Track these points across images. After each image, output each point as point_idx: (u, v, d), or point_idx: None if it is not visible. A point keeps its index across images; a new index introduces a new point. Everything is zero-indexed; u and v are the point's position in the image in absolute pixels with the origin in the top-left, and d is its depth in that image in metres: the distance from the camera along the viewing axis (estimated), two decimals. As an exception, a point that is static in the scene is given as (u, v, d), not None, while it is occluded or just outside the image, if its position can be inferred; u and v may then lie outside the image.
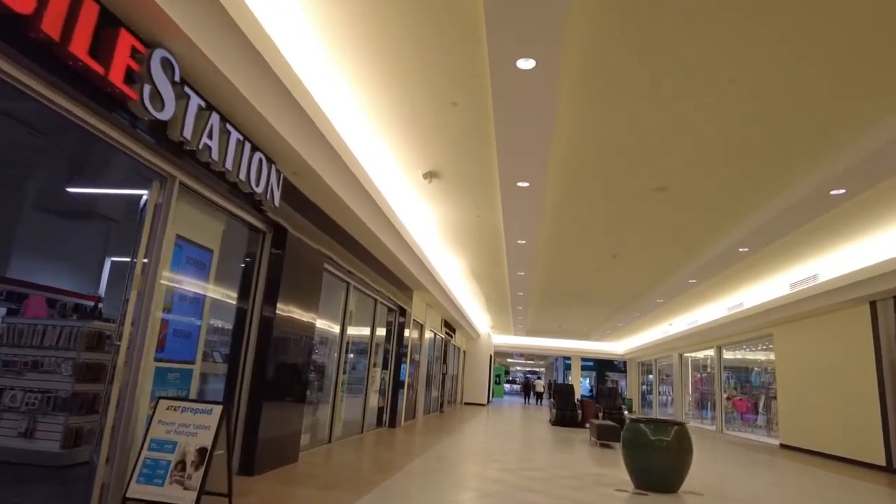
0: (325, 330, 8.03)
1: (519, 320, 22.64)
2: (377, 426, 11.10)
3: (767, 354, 16.01)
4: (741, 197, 7.75)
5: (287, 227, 5.91)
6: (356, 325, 9.62)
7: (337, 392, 8.41)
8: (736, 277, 12.73)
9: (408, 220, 9.44)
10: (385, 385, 11.35)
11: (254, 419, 5.49)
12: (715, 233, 9.49)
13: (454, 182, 7.80)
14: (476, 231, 10.36)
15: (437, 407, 18.20)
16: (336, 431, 8.64)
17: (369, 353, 10.13)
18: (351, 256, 8.08)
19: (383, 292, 10.21)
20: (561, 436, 12.84)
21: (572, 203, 8.50)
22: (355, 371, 9.83)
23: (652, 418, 6.46)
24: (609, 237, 10.25)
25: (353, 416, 9.66)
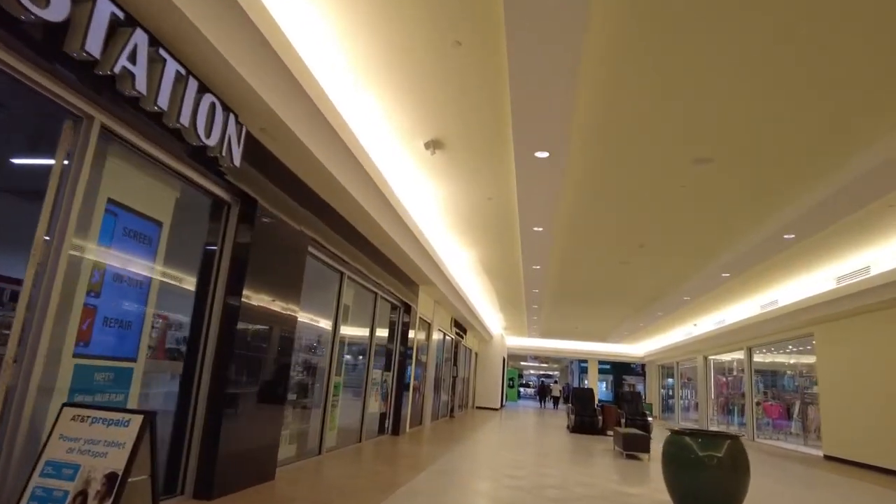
0: (314, 325, 7.02)
1: (534, 320, 21.53)
2: (378, 434, 10.08)
3: (801, 357, 14.75)
4: (794, 171, 6.63)
5: (257, 198, 4.91)
6: (353, 322, 8.61)
7: (329, 397, 7.39)
8: (773, 271, 11.55)
9: (409, 201, 8.41)
10: (387, 388, 10.33)
11: (213, 429, 4.48)
12: (759, 216, 8.36)
13: (461, 154, 6.76)
14: (487, 217, 9.30)
15: (447, 412, 17.14)
16: (328, 441, 7.62)
17: (369, 353, 9.12)
18: (343, 242, 7.08)
19: (384, 286, 9.19)
20: (581, 445, 11.72)
21: (597, 181, 7.42)
22: (353, 373, 8.82)
23: (699, 430, 5.36)
24: (637, 224, 9.15)
25: (350, 424, 8.65)
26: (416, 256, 9.23)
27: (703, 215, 8.49)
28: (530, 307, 18.05)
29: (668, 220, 8.86)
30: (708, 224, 8.88)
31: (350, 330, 8.48)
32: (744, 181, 7.09)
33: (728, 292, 13.88)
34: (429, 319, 13.12)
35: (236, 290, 4.74)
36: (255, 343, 4.97)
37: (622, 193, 7.85)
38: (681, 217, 8.64)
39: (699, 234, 9.45)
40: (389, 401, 10.42)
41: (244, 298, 4.76)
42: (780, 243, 9.00)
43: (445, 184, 7.79)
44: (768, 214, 8.23)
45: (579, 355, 31.13)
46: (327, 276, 7.38)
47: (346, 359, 8.55)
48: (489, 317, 22.52)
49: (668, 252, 10.73)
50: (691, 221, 8.81)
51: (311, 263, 6.80)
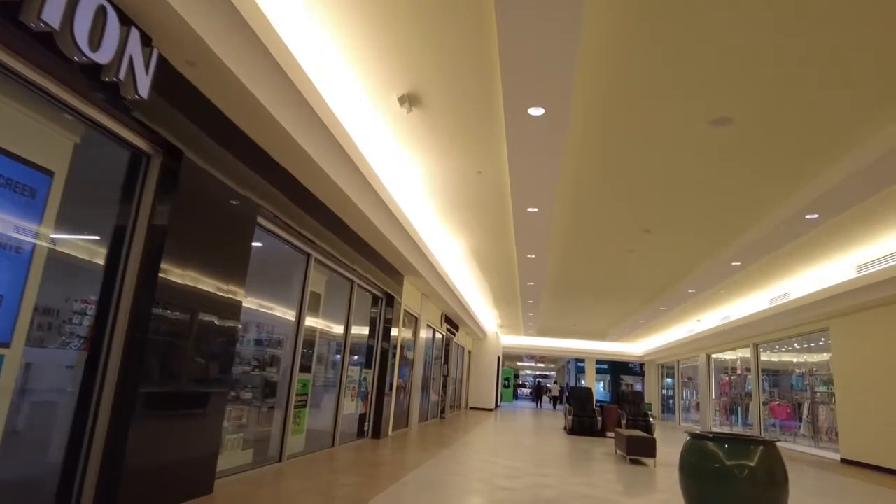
0: (271, 315, 6.09)
1: (529, 317, 20.62)
2: (358, 437, 9.14)
3: (810, 354, 13.86)
4: (823, 139, 5.73)
5: (184, 150, 3.97)
6: (326, 313, 7.68)
7: (291, 396, 6.45)
8: (786, 260, 10.66)
9: (386, 173, 7.47)
10: (367, 388, 9.39)
11: (118, 436, 3.54)
12: (781, 192, 7.45)
13: (443, 113, 5.83)
14: (477, 195, 8.38)
15: (438, 412, 16.21)
16: (293, 446, 6.68)
17: (343, 349, 8.18)
18: (309, 219, 6.14)
19: (362, 273, 8.25)
20: (580, 448, 10.81)
21: (598, 153, 6.51)
22: (326, 370, 7.88)
23: (725, 434, 4.45)
24: (642, 204, 8.23)
25: (321, 426, 7.71)
26: (398, 241, 8.30)
27: (717, 191, 7.58)
28: (525, 303, 17.14)
29: (677, 200, 7.95)
30: (721, 202, 7.97)
31: (321, 322, 7.55)
32: (765, 149, 6.18)
33: (736, 284, 12.99)
34: (416, 314, 12.19)
35: (153, 264, 3.80)
36: (182, 331, 4.03)
37: (627, 167, 6.93)
38: (692, 195, 7.73)
39: (711, 216, 8.55)
40: (370, 401, 9.48)
41: (163, 274, 3.82)
42: (800, 225, 8.09)
43: (426, 152, 6.86)
44: (792, 190, 7.33)
45: (576, 354, 30.23)
46: (290, 258, 6.44)
47: (319, 354, 7.62)
48: (483, 313, 21.59)
49: (674, 238, 9.83)
50: (703, 199, 7.90)
51: (269, 241, 5.86)
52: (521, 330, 25.74)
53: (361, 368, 9.09)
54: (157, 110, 3.67)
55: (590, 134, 6.14)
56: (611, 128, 5.98)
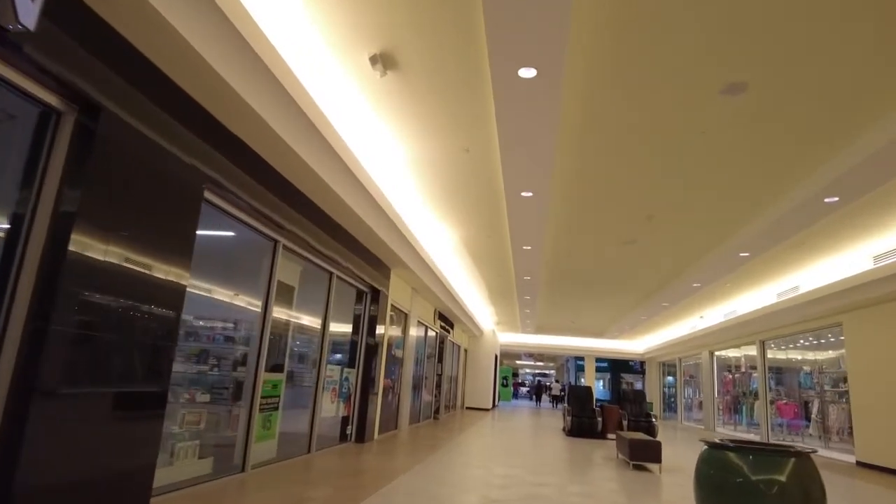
0: (230, 305, 5.43)
1: (526, 314, 19.96)
2: (340, 441, 8.48)
3: (820, 351, 13.22)
4: (851, 107, 5.07)
5: (103, 104, 3.31)
6: (299, 306, 7.02)
7: (256, 398, 5.79)
8: (796, 251, 10.01)
9: (361, 148, 6.79)
10: (350, 388, 8.73)
11: (10, 448, 2.88)
12: (795, 174, 6.80)
13: (422, 76, 5.17)
14: (465, 178, 7.72)
15: (431, 413, 15.55)
16: (260, 454, 6.02)
17: (321, 345, 7.52)
18: (275, 200, 5.47)
19: (342, 263, 7.59)
20: (579, 451, 10.16)
21: (598, 126, 5.85)
22: (302, 369, 7.23)
23: (748, 443, 3.80)
24: (646, 187, 7.57)
25: (297, 431, 7.05)
26: (381, 229, 7.63)
27: (729, 171, 6.91)
28: (522, 298, 16.48)
29: (684, 181, 7.29)
30: (733, 184, 7.31)
31: (295, 316, 6.89)
32: (781, 122, 5.52)
33: (742, 277, 12.34)
34: (405, 310, 11.53)
35: (61, 236, 3.14)
36: (101, 322, 3.37)
37: (630, 144, 6.26)
38: (701, 175, 7.07)
39: (720, 199, 7.88)
40: (353, 403, 8.82)
41: (75, 249, 3.15)
42: (818, 209, 7.43)
43: (406, 126, 6.19)
44: (811, 169, 6.68)
45: (575, 352, 29.58)
46: (254, 244, 5.77)
47: (294, 352, 6.97)
48: (478, 310, 20.94)
49: (679, 226, 9.17)
50: (713, 181, 7.24)
51: (228, 224, 5.19)
52: (519, 327, 25.09)
53: (343, 367, 8.42)
54: (66, 56, 3.01)
55: (589, 104, 5.48)
56: (612, 99, 5.31)
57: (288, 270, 6.72)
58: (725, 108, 5.42)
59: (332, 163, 5.65)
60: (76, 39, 3.08)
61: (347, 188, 6.18)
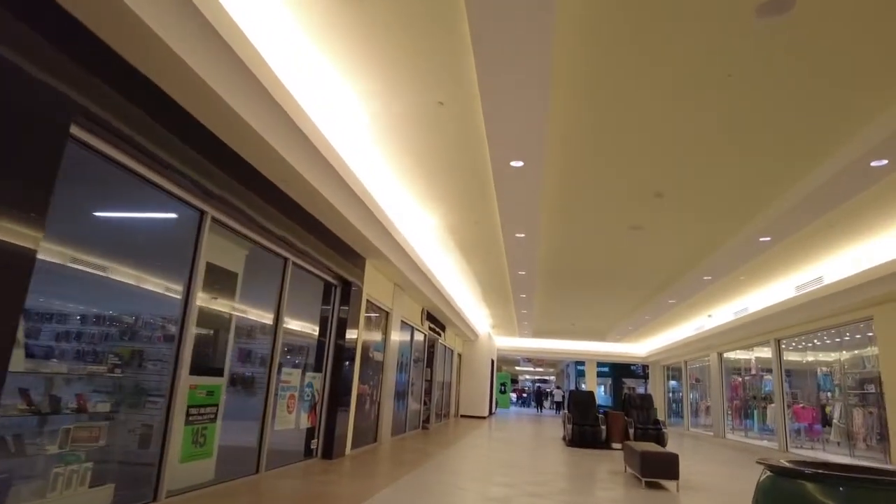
0: (131, 288, 4.24)
1: (523, 315, 18.77)
2: (305, 457, 7.28)
3: (841, 350, 12.06)
4: None
5: None
6: (245, 298, 5.85)
7: (174, 407, 4.60)
8: (820, 237, 8.87)
9: (307, 96, 5.61)
10: (315, 395, 7.53)
11: None
12: (836, 136, 5.65)
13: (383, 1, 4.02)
14: (441, 141, 6.56)
15: (420, 423, 14.32)
16: (184, 477, 4.82)
17: (273, 345, 6.32)
18: (193, 154, 4.30)
19: (298, 245, 6.41)
20: (582, 465, 8.95)
21: (602, 82, 4.69)
22: (252, 372, 6.04)
23: (829, 466, 2.62)
24: (653, 157, 6.41)
25: (243, 447, 5.85)
26: (347, 207, 6.46)
27: (756, 129, 5.74)
28: (518, 297, 15.29)
29: (700, 146, 6.12)
30: (761, 146, 6.14)
31: (237, 308, 5.71)
32: (832, 55, 4.36)
33: (759, 268, 11.17)
34: (386, 307, 10.34)
35: None
36: None
37: (638, 98, 5.10)
38: (719, 138, 5.90)
39: (743, 170, 6.72)
40: (319, 413, 7.62)
41: None
42: (864, 176, 6.27)
43: (363, 68, 5.03)
44: (857, 126, 5.52)
45: (576, 356, 28.35)
46: (171, 211, 4.59)
47: (240, 351, 5.80)
48: (472, 312, 19.74)
49: (693, 206, 8.00)
50: (735, 144, 6.07)
51: (130, 183, 4.01)
52: (516, 330, 23.89)
53: (305, 371, 7.23)
54: None
55: (588, 50, 4.32)
56: (614, 34, 4.16)
57: (227, 253, 5.55)
58: (760, 40, 4.26)
59: (269, 109, 4.48)
60: None
61: (295, 150, 5.02)
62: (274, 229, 5.78)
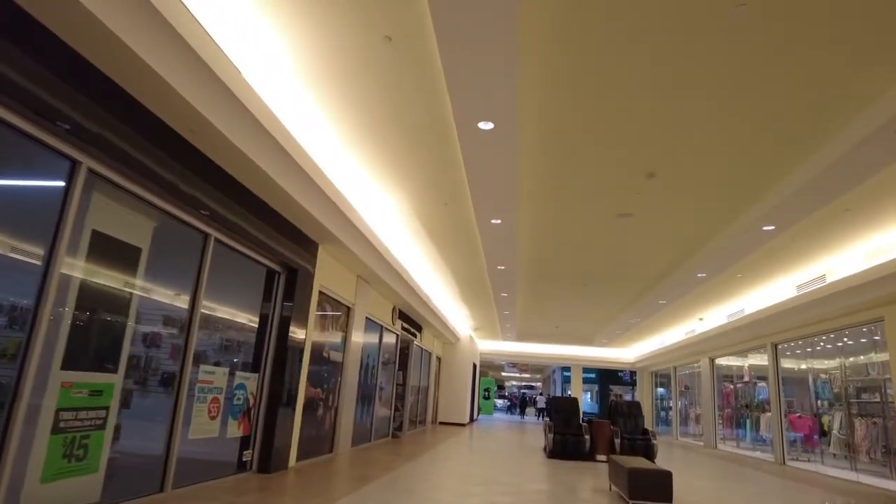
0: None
1: (506, 316, 17.76)
2: (238, 470, 6.20)
3: (842, 356, 11.16)
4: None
5: None
6: (152, 277, 4.78)
7: (19, 412, 3.51)
8: (828, 227, 7.97)
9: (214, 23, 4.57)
10: (249, 398, 6.44)
11: None
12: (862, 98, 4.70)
13: None
14: (394, 93, 5.54)
15: (390, 430, 13.23)
16: (52, 498, 3.74)
17: (188, 336, 5.24)
18: (48, 75, 3.25)
19: (225, 217, 5.35)
20: (563, 481, 7.92)
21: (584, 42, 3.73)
22: (163, 369, 4.97)
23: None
24: (645, 128, 5.42)
25: (146, 460, 4.76)
26: (283, 175, 5.42)
27: (761, 97, 4.77)
28: (499, 296, 14.28)
29: (698, 116, 5.14)
30: (771, 111, 5.17)
31: (141, 290, 4.64)
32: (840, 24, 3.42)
33: (757, 265, 10.25)
34: (346, 302, 9.27)
35: None
36: None
37: (628, 58, 4.11)
38: (720, 110, 4.92)
39: (747, 144, 5.75)
40: (254, 419, 6.53)
41: None
42: (883, 151, 5.33)
43: None
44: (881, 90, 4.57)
45: (561, 361, 27.36)
46: (23, 154, 3.52)
47: (146, 343, 4.73)
48: (451, 312, 18.70)
49: (689, 189, 7.03)
50: (738, 114, 5.10)
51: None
52: (499, 333, 22.87)
53: (235, 370, 6.14)
54: None
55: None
56: None
57: (126, 222, 4.48)
58: None
59: (159, 35, 3.44)
60: None
61: (199, 88, 3.97)
62: (196, 194, 4.72)
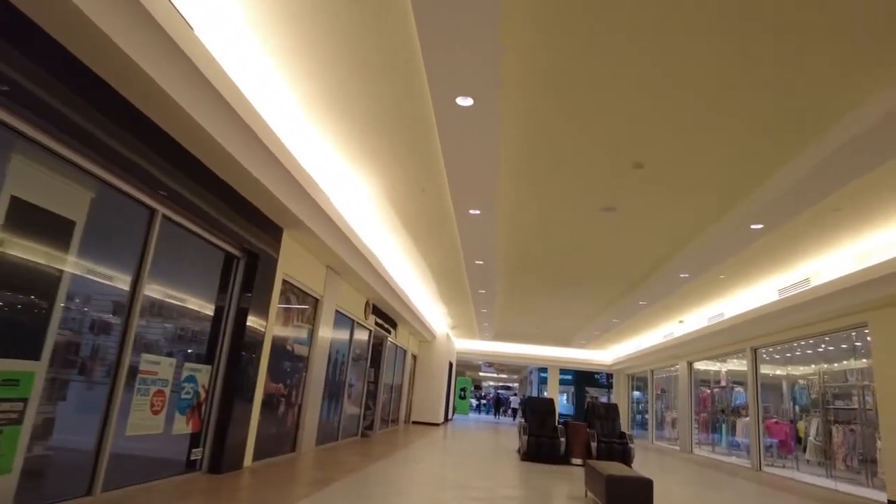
0: None
1: (483, 315, 17.38)
2: (185, 470, 5.69)
3: (819, 362, 11.00)
4: None
5: None
6: (88, 253, 4.26)
7: None
8: (816, 230, 7.72)
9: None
10: (200, 394, 5.93)
11: None
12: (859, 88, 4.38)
13: None
14: (362, 55, 5.09)
15: (359, 429, 12.74)
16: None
17: (127, 319, 4.72)
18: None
19: (178, 195, 4.85)
20: (537, 486, 7.54)
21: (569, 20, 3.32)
22: (99, 356, 4.45)
23: None
24: (634, 113, 5.04)
25: (73, 458, 4.24)
26: (238, 147, 4.94)
27: (756, 83, 4.41)
28: (477, 293, 13.89)
29: (692, 106, 4.77)
30: (764, 104, 4.82)
31: (74, 267, 4.12)
32: None
33: (742, 267, 10.00)
34: (314, 293, 8.78)
35: None
36: None
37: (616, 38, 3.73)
38: (715, 96, 4.55)
39: (741, 134, 5.40)
40: (205, 415, 6.02)
41: None
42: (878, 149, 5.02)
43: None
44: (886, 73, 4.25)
45: (538, 361, 27.10)
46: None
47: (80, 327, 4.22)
48: (428, 309, 18.27)
49: (677, 183, 6.69)
50: (734, 100, 4.74)
51: None
52: (477, 332, 22.50)
53: (184, 361, 5.63)
54: None
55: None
56: None
57: (56, 192, 3.97)
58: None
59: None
60: None
61: (143, 43, 3.48)
62: (132, 159, 4.21)
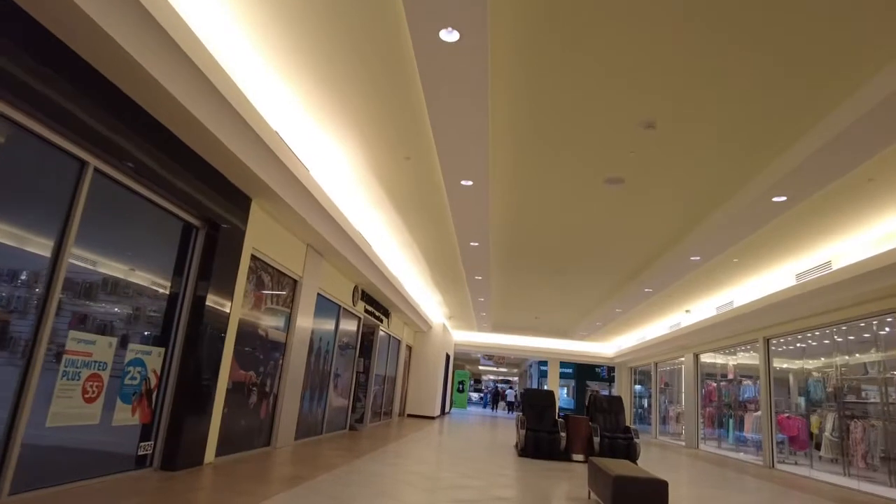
0: None
1: (481, 304, 16.65)
2: (134, 467, 4.97)
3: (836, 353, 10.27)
4: None
5: None
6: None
7: None
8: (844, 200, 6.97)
9: None
10: (149, 379, 5.20)
11: None
12: None
13: None
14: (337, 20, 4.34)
15: (348, 423, 12.03)
16: None
17: (48, 290, 3.99)
18: None
19: (114, 145, 4.10)
20: (536, 485, 6.82)
21: None
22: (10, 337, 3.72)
23: None
24: (645, 63, 4.28)
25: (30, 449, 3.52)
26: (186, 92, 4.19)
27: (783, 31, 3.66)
28: (472, 279, 13.15)
29: (711, 57, 4.01)
30: (791, 53, 4.06)
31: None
32: None
33: (756, 248, 9.25)
34: (292, 273, 8.04)
35: None
36: None
37: None
38: (734, 47, 3.81)
39: (767, 88, 4.63)
40: (156, 404, 5.29)
41: None
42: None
43: None
44: None
45: (538, 354, 26.38)
46: None
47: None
48: (422, 297, 17.55)
49: (692, 145, 5.93)
50: (757, 50, 3.97)
51: None
52: (474, 323, 21.78)
53: (128, 342, 4.89)
54: None
55: None
56: None
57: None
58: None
59: None
60: None
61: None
62: (51, 96, 3.47)
